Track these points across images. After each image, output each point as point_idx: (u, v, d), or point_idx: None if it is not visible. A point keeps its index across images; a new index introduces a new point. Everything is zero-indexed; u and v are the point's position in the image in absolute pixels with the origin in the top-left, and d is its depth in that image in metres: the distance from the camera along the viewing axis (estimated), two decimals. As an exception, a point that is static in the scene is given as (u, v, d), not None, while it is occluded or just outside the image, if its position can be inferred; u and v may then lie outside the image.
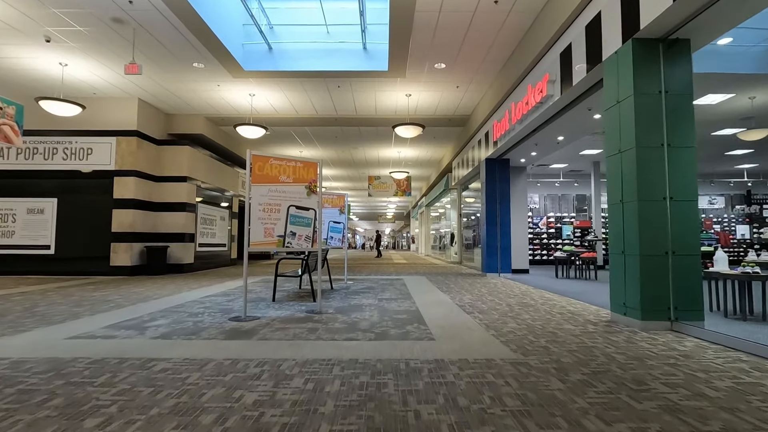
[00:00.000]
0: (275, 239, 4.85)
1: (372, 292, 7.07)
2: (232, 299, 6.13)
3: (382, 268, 13.08)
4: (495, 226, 10.30)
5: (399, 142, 14.50)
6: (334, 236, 8.59)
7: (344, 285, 8.15)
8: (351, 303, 5.80)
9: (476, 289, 7.41)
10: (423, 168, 19.50)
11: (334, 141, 14.34)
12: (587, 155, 12.68)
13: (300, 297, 6.41)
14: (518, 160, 10.65)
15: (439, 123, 12.10)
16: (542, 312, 5.07)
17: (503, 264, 10.22)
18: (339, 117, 11.64)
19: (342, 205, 8.74)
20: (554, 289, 7.40)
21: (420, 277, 9.82)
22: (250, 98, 10.23)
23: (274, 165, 4.93)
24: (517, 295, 6.68)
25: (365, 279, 9.47)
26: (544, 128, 7.58)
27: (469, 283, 8.44)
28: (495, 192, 10.37)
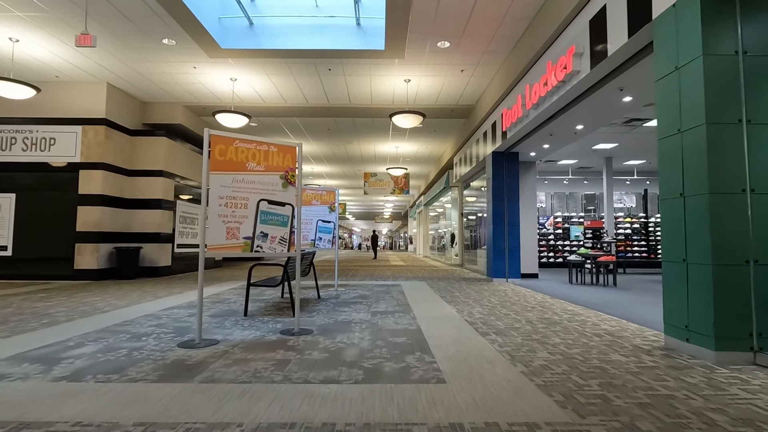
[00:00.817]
0: (241, 242, 3.86)
1: (365, 302, 6.09)
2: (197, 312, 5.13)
3: (378, 272, 12.09)
4: (502, 226, 9.34)
5: (396, 137, 13.52)
6: (323, 237, 7.60)
7: (333, 293, 7.15)
8: (338, 318, 4.80)
9: (485, 299, 6.44)
10: (422, 165, 18.52)
11: (328, 134, 13.34)
12: (600, 150, 11.74)
13: (279, 309, 5.42)
14: (528, 154, 9.68)
15: (440, 114, 11.12)
16: (574, 333, 4.09)
17: (511, 268, 9.26)
18: (331, 106, 10.64)
19: (332, 201, 7.75)
20: (575, 299, 6.44)
21: (419, 283, 8.84)
22: (232, 83, 9.21)
23: (240, 149, 3.93)
24: (534, 307, 5.71)
25: (358, 285, 8.48)
26: (562, 114, 6.62)
27: (476, 291, 7.46)
28: (502, 189, 9.40)
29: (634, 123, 9.14)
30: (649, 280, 9.82)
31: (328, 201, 7.71)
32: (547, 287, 8.16)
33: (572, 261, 9.00)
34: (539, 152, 9.45)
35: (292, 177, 4.20)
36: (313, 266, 6.56)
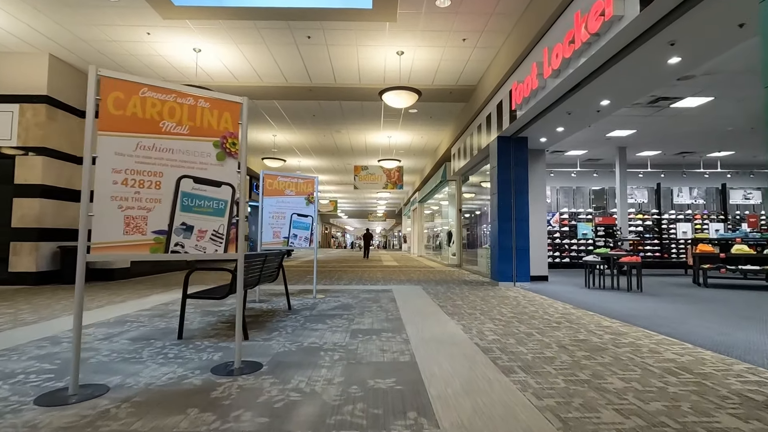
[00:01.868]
0: (149, 238, 2.59)
1: (346, 315, 4.84)
2: (121, 332, 3.86)
3: (368, 274, 10.84)
4: (509, 222, 8.13)
5: (389, 124, 12.27)
6: (298, 234, 6.34)
7: (310, 301, 5.90)
8: (305, 342, 3.56)
9: (494, 309, 5.22)
10: (416, 158, 17.30)
11: (313, 122, 12.06)
12: (615, 138, 10.58)
13: (232, 328, 4.16)
14: (538, 140, 8.49)
15: (437, 96, 9.89)
16: (635, 368, 2.88)
17: (520, 270, 8.05)
18: (314, 86, 9.37)
19: (311, 192, 6.49)
20: (605, 310, 5.23)
21: (414, 288, 7.60)
22: (196, 56, 7.91)
23: (150, 100, 2.67)
24: (559, 321, 4.50)
25: (343, 291, 7.23)
26: (588, 84, 5.42)
27: (481, 298, 6.25)
28: (509, 179, 8.19)
29: (660, 104, 7.97)
30: (670, 282, 8.67)
31: (306, 191, 6.45)
32: (564, 293, 6.97)
33: (589, 262, 7.81)
34: (551, 137, 8.25)
35: (233, 146, 2.93)
36: (283, 270, 5.31)
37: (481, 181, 11.09)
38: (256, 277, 4.30)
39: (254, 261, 4.03)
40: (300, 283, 8.52)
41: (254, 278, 4.26)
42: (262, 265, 4.45)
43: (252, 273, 4.09)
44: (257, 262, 4.14)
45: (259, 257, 4.15)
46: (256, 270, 4.23)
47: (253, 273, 4.12)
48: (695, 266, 8.31)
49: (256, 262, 4.12)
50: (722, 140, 10.80)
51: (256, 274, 4.22)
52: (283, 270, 5.30)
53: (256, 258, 4.04)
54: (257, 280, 4.41)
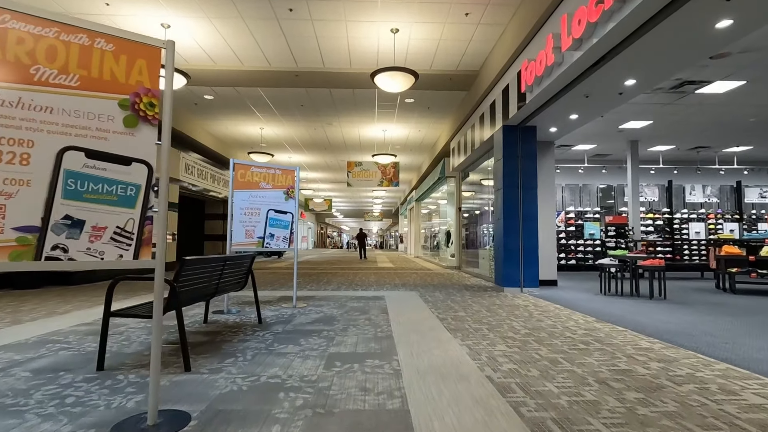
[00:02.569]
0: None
1: (325, 332, 3.99)
2: (30, 359, 2.99)
3: (360, 277, 9.99)
4: (515, 220, 7.30)
5: (383, 115, 11.42)
6: (275, 233, 5.48)
7: (288, 312, 5.04)
8: (262, 376, 2.71)
9: (504, 323, 4.38)
10: (413, 154, 16.46)
11: (302, 113, 11.20)
12: (628, 130, 9.77)
13: (172, 354, 3.30)
14: (547, 130, 7.66)
15: (436, 83, 9.05)
16: (711, 417, 2.04)
17: (528, 274, 7.22)
18: (301, 71, 8.51)
19: (290, 185, 5.63)
20: (636, 324, 4.40)
21: (410, 294, 6.76)
22: (164, 32, 7.04)
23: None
24: (587, 342, 3.66)
25: (328, 298, 6.37)
26: (615, 57, 4.59)
27: (487, 308, 5.41)
28: (516, 173, 7.36)
29: (685, 89, 7.15)
30: (690, 287, 7.86)
31: (284, 184, 5.59)
32: (579, 301, 6.14)
33: (605, 266, 6.98)
34: (562, 127, 7.42)
35: (150, 108, 2.10)
36: (253, 276, 4.45)
37: (482, 179, 10.26)
38: (210, 287, 3.44)
39: (204, 268, 3.17)
40: (284, 287, 7.66)
41: (206, 289, 3.40)
42: (221, 272, 3.59)
43: (201, 283, 3.23)
44: (209, 269, 3.28)
45: (212, 263, 3.30)
46: (209, 279, 3.37)
47: (202, 283, 3.26)
48: (721, 270, 7.50)
49: (208, 269, 3.26)
50: (742, 133, 10.01)
51: (207, 283, 3.37)
52: (253, 276, 4.44)
53: (206, 264, 3.18)
54: (213, 290, 3.55)
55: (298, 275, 10.18)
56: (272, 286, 7.92)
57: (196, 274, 3.08)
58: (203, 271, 3.20)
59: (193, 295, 3.15)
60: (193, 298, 3.16)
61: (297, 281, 8.79)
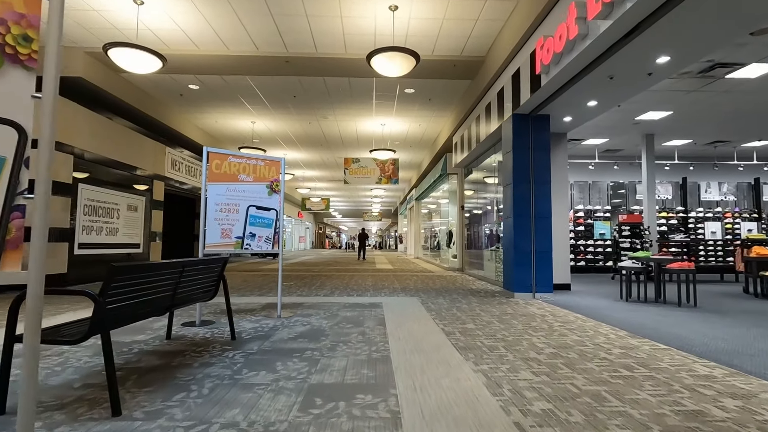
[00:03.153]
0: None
1: (307, 354, 3.30)
2: None
3: (356, 280, 9.30)
4: (527, 219, 6.61)
5: (382, 108, 10.73)
6: (257, 233, 4.79)
7: (268, 324, 4.35)
8: (214, 422, 2.01)
9: (524, 339, 3.70)
10: (413, 151, 15.78)
11: (295, 105, 10.51)
12: (645, 122, 9.09)
13: (127, 378, 2.61)
14: (560, 120, 6.98)
15: (438, 70, 8.37)
16: None
17: (541, 278, 6.54)
18: (291, 56, 7.82)
19: (274, 178, 4.94)
20: (679, 341, 3.71)
21: (410, 301, 6.07)
22: (137, 9, 6.34)
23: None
24: (630, 365, 2.98)
25: (319, 305, 5.68)
26: (651, 26, 3.91)
27: (499, 318, 4.72)
28: (527, 167, 6.67)
29: (716, 72, 6.48)
30: (716, 292, 7.17)
31: (267, 176, 4.90)
32: (601, 309, 5.46)
33: (627, 269, 6.30)
34: (578, 116, 6.75)
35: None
36: (224, 283, 3.76)
37: (486, 176, 9.59)
38: (161, 300, 2.75)
39: (149, 277, 2.48)
40: (273, 293, 6.96)
41: (155, 303, 2.71)
42: (176, 281, 2.90)
43: (146, 296, 2.54)
44: (158, 278, 2.59)
45: (161, 270, 2.61)
46: (158, 290, 2.68)
47: (148, 295, 2.57)
48: (751, 273, 6.83)
49: (156, 278, 2.57)
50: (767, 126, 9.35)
51: (156, 296, 2.67)
52: (225, 283, 3.75)
53: (151, 272, 2.49)
54: (166, 303, 2.87)
55: (289, 279, 9.48)
56: (260, 290, 7.24)
57: (136, 286, 2.39)
58: (148, 281, 2.51)
59: (135, 311, 2.46)
60: (134, 316, 2.47)
61: (286, 286, 8.09)
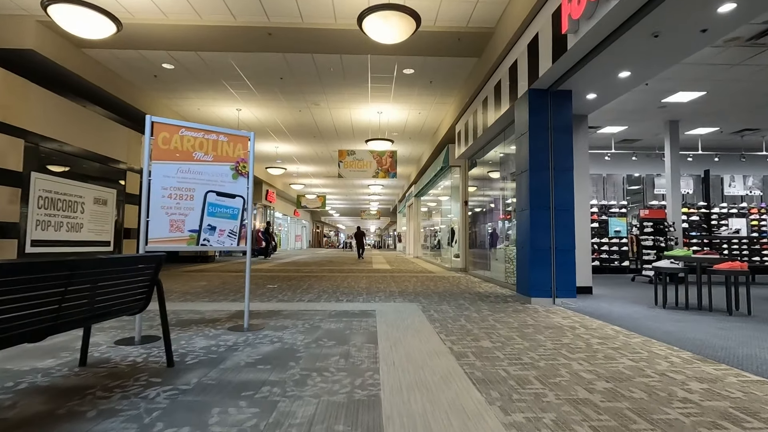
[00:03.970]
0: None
1: (264, 391, 2.34)
2: None
3: (349, 282, 8.35)
4: (545, 212, 5.67)
5: (378, 92, 9.77)
6: (218, 226, 3.82)
7: (227, 340, 3.39)
8: None
9: (562, 367, 2.75)
10: (412, 143, 14.82)
11: (282, 88, 9.55)
12: (672, 105, 8.15)
13: None
14: (583, 97, 6.04)
15: (441, 46, 7.41)
16: None
17: (561, 281, 5.59)
18: (274, 27, 6.86)
19: (241, 157, 3.98)
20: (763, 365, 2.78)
21: (409, 307, 5.12)
22: (87, -38, 5.38)
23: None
24: (729, 413, 2.03)
25: (299, 314, 4.73)
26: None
27: (519, 331, 3.77)
28: (546, 151, 5.73)
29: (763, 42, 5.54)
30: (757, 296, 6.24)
31: (232, 156, 3.94)
32: (639, 319, 4.51)
33: (664, 270, 5.35)
34: (605, 91, 5.80)
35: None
36: (159, 290, 2.80)
37: (492, 169, 8.65)
38: (37, 317, 1.80)
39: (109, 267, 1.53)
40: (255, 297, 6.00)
41: (22, 323, 1.75)
42: (62, 290, 1.94)
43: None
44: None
45: (31, 272, 1.66)
46: (31, 302, 1.73)
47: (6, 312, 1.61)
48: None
49: (22, 285, 1.62)
50: (805, 111, 8.41)
51: (27, 311, 1.72)
52: (160, 289, 2.80)
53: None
54: (47, 322, 1.91)
55: (275, 280, 8.52)
56: (237, 295, 6.27)
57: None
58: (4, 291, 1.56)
59: None
60: None
61: (269, 288, 7.13)
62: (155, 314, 4.54)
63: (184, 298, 5.86)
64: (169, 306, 5.11)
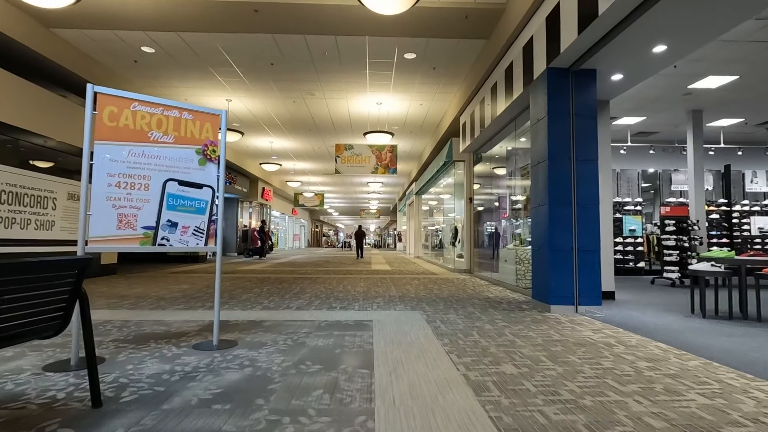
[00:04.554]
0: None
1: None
2: None
3: (345, 285, 7.67)
4: (567, 207, 4.98)
5: (377, 80, 9.09)
6: (179, 222, 3.14)
7: (183, 367, 2.71)
8: None
9: (618, 407, 2.06)
10: (413, 138, 14.14)
11: (274, 76, 8.87)
12: (697, 92, 7.47)
13: None
14: (608, 79, 5.36)
15: (445, 26, 6.73)
16: None
17: (585, 286, 4.91)
18: (260, 0, 6.18)
19: (211, 140, 3.30)
20: None
21: (412, 317, 4.44)
22: None
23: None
24: None
25: (281, 326, 4.05)
26: None
27: (545, 349, 3.09)
28: (567, 138, 5.04)
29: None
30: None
31: (198, 138, 3.26)
32: (682, 332, 3.84)
33: (703, 274, 4.67)
34: (634, 70, 5.12)
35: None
36: (81, 302, 2.13)
37: (496, 166, 7.97)
38: None
39: None
40: (228, 305, 5.32)
41: None
42: None
43: None
44: None
45: None
46: None
47: None
48: None
49: None
50: (842, 99, 7.73)
51: None
52: (84, 305, 2.12)
53: None
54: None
55: (264, 283, 7.83)
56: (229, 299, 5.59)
57: None
58: None
59: None
60: None
61: (255, 293, 6.45)
62: (123, 323, 3.86)
63: (157, 305, 5.18)
64: (134, 316, 4.44)
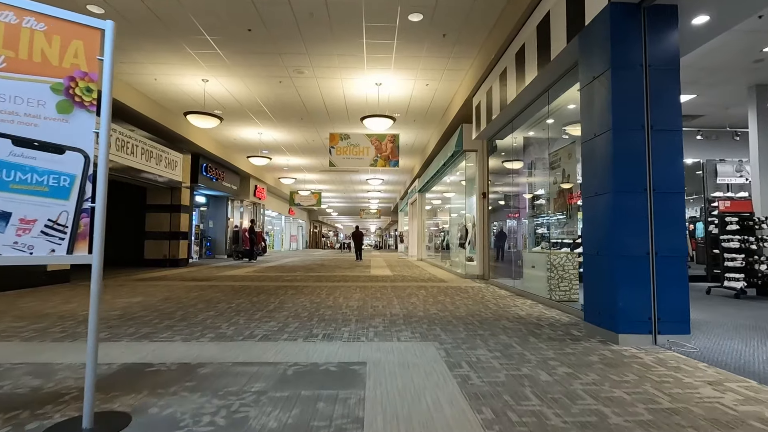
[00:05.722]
0: None
1: None
2: None
3: (335, 297, 6.25)
4: (640, 195, 3.57)
5: (376, 52, 7.69)
6: (13, 212, 1.73)
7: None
8: None
9: None
10: (416, 128, 12.73)
11: (253, 45, 7.47)
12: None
13: None
14: (689, 22, 3.93)
15: (462, -29, 5.33)
16: None
17: (667, 306, 3.49)
18: (224, -64, 4.78)
19: (82, 70, 1.89)
20: None
21: (424, 354, 3.02)
22: None
23: None
24: None
25: (226, 376, 2.63)
26: None
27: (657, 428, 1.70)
28: (639, 98, 3.63)
29: None
30: None
31: (58, 66, 1.85)
32: None
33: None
34: (725, 10, 3.70)
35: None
36: None
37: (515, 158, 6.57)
38: None
39: None
40: (184, 328, 3.92)
41: None
42: None
43: None
44: None
45: None
46: None
47: None
48: None
49: None
50: None
51: None
52: None
53: None
54: None
55: (239, 293, 6.38)
56: (161, 323, 4.18)
57: None
58: None
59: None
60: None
61: (218, 310, 5.02)
62: None
63: (71, 332, 3.78)
64: (18, 353, 3.03)
